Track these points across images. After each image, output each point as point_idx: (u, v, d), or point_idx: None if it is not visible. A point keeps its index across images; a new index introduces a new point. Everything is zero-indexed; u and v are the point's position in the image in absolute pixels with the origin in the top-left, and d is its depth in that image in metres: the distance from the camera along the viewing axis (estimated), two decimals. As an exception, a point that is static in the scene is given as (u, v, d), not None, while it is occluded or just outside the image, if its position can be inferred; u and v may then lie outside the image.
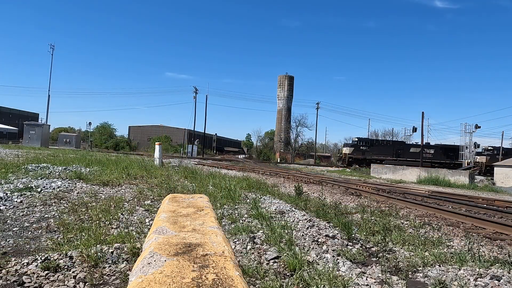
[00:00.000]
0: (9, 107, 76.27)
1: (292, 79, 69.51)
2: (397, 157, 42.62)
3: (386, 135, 79.12)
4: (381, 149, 42.88)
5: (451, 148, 44.25)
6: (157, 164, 15.21)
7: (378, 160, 41.80)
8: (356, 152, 42.88)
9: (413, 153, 43.06)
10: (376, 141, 44.08)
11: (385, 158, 42.23)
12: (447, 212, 9.09)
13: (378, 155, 42.11)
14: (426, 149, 43.86)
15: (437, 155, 43.42)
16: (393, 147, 43.20)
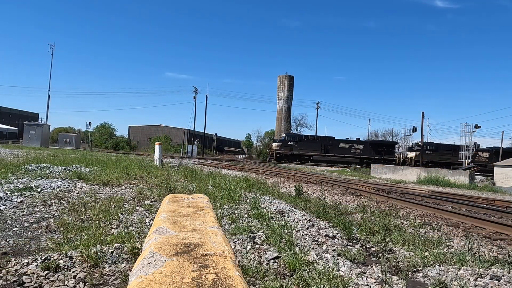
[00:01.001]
0: (9, 107, 76.28)
1: (292, 79, 69.53)
2: (325, 153, 42.56)
3: (386, 135, 79.17)
4: (310, 145, 42.67)
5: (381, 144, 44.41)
6: (157, 164, 15.21)
7: (306, 155, 41.75)
8: (284, 147, 42.56)
9: (342, 148, 43.04)
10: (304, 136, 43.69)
11: (313, 153, 42.19)
12: (447, 212, 9.09)
13: (306, 151, 42.00)
14: (355, 144, 44.06)
15: (367, 150, 43.32)
16: (321, 143, 42.97)
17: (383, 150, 43.72)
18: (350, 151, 43.35)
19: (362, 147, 43.72)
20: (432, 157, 42.68)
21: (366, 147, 43.68)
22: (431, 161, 42.19)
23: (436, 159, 42.61)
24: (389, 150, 43.90)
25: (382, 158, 42.99)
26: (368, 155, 43.02)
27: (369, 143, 44.50)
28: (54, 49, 54.34)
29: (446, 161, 42.29)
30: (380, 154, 43.32)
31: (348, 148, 43.50)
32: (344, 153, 42.92)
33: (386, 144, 44.64)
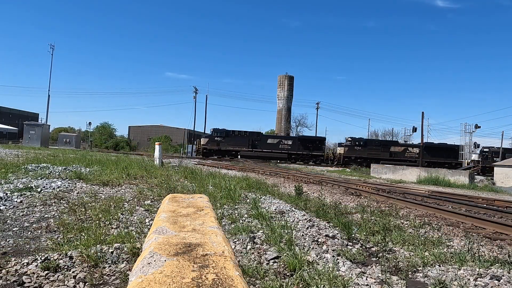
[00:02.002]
0: (9, 107, 76.28)
1: (292, 79, 69.50)
2: (252, 148, 42.10)
3: (386, 135, 79.25)
4: (237, 140, 42.17)
5: (310, 139, 43.97)
6: (157, 164, 15.21)
7: (233, 151, 41.39)
8: (211, 143, 42.16)
9: (270, 144, 42.65)
10: (232, 132, 42.84)
11: (240, 149, 41.81)
12: (447, 212, 9.08)
13: (233, 146, 41.60)
14: (284, 140, 43.78)
15: (295, 146, 42.91)
16: (249, 138, 42.42)
17: (312, 145, 43.28)
18: (278, 147, 42.78)
19: (291, 142, 43.26)
20: (361, 152, 42.29)
21: (295, 142, 43.19)
22: (360, 157, 41.94)
23: (365, 154, 42.17)
24: (318, 146, 43.48)
25: (311, 153, 42.72)
26: (296, 151, 42.64)
27: (297, 138, 44.01)
28: (54, 49, 54.32)
29: (375, 157, 41.81)
30: (309, 149, 42.92)
31: (277, 143, 43.05)
32: (272, 148, 42.50)
33: (315, 140, 44.16)
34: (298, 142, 43.31)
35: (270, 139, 43.66)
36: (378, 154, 42.38)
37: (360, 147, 42.70)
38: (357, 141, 43.40)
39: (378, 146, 43.14)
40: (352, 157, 42.12)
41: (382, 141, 45.04)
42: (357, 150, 42.52)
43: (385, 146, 43.35)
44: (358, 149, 42.55)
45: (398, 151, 43.20)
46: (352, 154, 42.30)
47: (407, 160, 42.39)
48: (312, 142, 43.73)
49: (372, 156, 42.04)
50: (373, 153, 42.33)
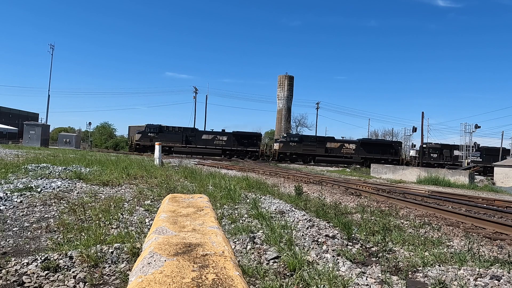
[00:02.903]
0: (9, 107, 76.29)
1: (292, 79, 69.55)
2: (187, 144, 41.92)
3: (386, 135, 79.22)
4: (171, 136, 41.81)
5: (245, 135, 43.60)
6: (157, 164, 15.22)
7: (167, 146, 40.87)
8: (144, 139, 41.70)
9: (205, 140, 42.37)
10: (166, 127, 42.52)
11: (174, 145, 41.51)
12: (447, 212, 9.09)
13: (167, 142, 40.90)
14: (219, 136, 43.33)
15: (230, 142, 42.71)
16: (183, 134, 42.15)
17: (247, 141, 43.08)
18: (213, 143, 42.51)
19: (226, 138, 42.93)
20: (296, 148, 42.08)
21: (230, 138, 42.87)
22: (295, 153, 41.84)
23: (300, 150, 41.99)
24: (253, 142, 43.27)
25: (246, 149, 42.56)
26: (231, 147, 42.42)
27: (232, 134, 43.45)
28: (54, 49, 54.34)
29: (310, 153, 41.85)
30: (244, 145, 42.73)
31: (211, 139, 42.72)
32: (207, 144, 42.24)
33: (251, 136, 43.85)
34: (233, 138, 42.88)
35: (205, 135, 43.18)
36: (314, 150, 42.15)
37: (295, 143, 42.36)
38: (292, 137, 43.16)
39: (314, 142, 42.75)
40: (287, 153, 41.91)
41: (317, 137, 44.48)
42: (292, 146, 42.25)
43: (321, 142, 42.98)
44: (293, 145, 42.26)
45: (334, 147, 42.99)
46: (287, 150, 42.03)
47: (343, 156, 42.36)
48: (248, 138, 43.38)
49: (307, 152, 41.89)
50: (308, 149, 42.07)
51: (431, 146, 44.74)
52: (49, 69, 58.40)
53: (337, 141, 44.03)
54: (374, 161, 41.21)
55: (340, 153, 42.72)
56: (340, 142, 43.83)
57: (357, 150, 42.79)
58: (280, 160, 41.02)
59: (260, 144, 44.36)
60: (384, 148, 43.36)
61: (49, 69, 68.10)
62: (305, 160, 41.68)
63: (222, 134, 43.56)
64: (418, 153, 44.82)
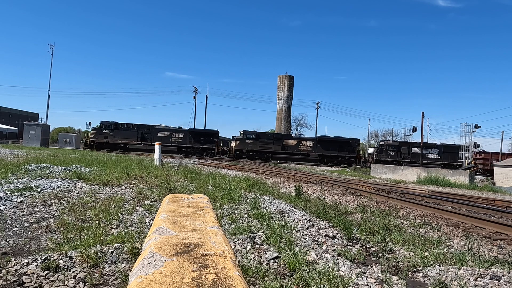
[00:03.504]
0: (9, 107, 76.28)
1: (292, 79, 69.52)
2: (142, 141, 41.57)
3: (386, 135, 79.21)
4: (126, 133, 41.44)
5: (202, 133, 43.35)
6: (157, 164, 15.22)
7: (122, 144, 40.71)
8: (98, 136, 41.17)
9: (160, 137, 41.53)
10: (121, 124, 41.96)
11: (129, 142, 41.27)
12: (447, 212, 9.09)
13: (122, 139, 40.89)
14: (175, 133, 43.12)
15: (186, 139, 42.43)
16: (138, 131, 41.74)
17: (204, 139, 42.76)
18: (169, 140, 42.05)
19: (182, 135, 42.59)
20: (252, 146, 41.76)
21: (186, 135, 42.53)
22: (252, 150, 41.58)
23: (256, 148, 41.68)
24: (210, 139, 42.93)
25: (202, 147, 42.32)
26: (187, 144, 42.12)
27: (188, 131, 43.12)
28: (54, 49, 54.36)
29: (267, 150, 41.61)
30: (201, 142, 42.44)
31: (167, 136, 42.29)
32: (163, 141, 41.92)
33: (207, 133, 43.51)
34: (190, 135, 42.55)
35: (161, 132, 42.82)
36: (270, 147, 41.95)
37: (252, 140, 42.09)
38: (249, 134, 42.76)
39: (271, 139, 42.49)
40: (244, 151, 41.61)
41: (274, 134, 44.22)
42: (248, 143, 41.97)
43: (278, 140, 42.68)
44: (250, 142, 41.98)
45: (292, 144, 42.69)
46: (244, 147, 41.73)
47: (300, 153, 42.16)
48: (204, 135, 43.10)
49: (264, 149, 41.68)
50: (265, 146, 41.84)
51: (388, 143, 44.79)
52: (49, 69, 58.44)
53: (294, 138, 43.94)
54: (331, 158, 41.35)
55: (297, 150, 42.38)
56: (298, 140, 43.66)
57: (314, 147, 42.43)
58: (237, 158, 40.65)
59: (216, 142, 43.84)
60: (341, 145, 42.87)
61: (49, 69, 68.16)
62: (262, 157, 41.31)
63: (179, 131, 43.24)
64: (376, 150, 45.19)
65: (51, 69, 72.04)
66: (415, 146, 43.52)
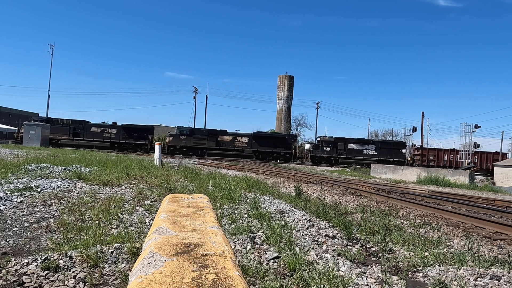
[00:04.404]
0: (9, 107, 76.33)
1: (292, 79, 69.55)
2: (74, 137, 41.42)
3: (386, 135, 79.28)
4: (57, 129, 41.23)
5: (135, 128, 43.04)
6: (157, 164, 15.22)
7: (54, 139, 40.50)
8: None
9: (93, 133, 41.78)
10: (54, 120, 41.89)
11: (61, 138, 41.06)
12: (447, 212, 9.09)
13: (54, 135, 40.61)
14: (108, 128, 42.85)
15: (119, 135, 42.25)
16: (70, 127, 41.64)
17: (138, 135, 42.52)
18: (102, 136, 41.89)
19: (115, 131, 42.34)
20: (186, 142, 41.62)
21: (119, 131, 42.29)
22: (185, 146, 41.49)
23: (190, 144, 41.58)
24: (144, 135, 42.75)
25: (135, 142, 42.16)
26: (119, 140, 41.92)
27: (122, 127, 42.84)
28: (54, 49, 54.44)
29: (201, 146, 41.51)
30: (134, 138, 42.28)
31: (100, 132, 42.09)
32: (95, 137, 41.61)
33: (141, 129, 43.20)
34: (123, 130, 42.28)
35: (93, 128, 42.49)
36: (204, 143, 41.86)
37: (186, 136, 41.94)
38: (184, 130, 42.69)
39: (205, 135, 42.29)
40: (177, 147, 41.46)
41: (209, 130, 43.69)
42: (182, 140, 41.82)
43: (212, 135, 42.47)
44: (184, 138, 41.84)
45: (227, 140, 42.60)
46: (177, 143, 41.59)
47: (235, 149, 42.02)
48: (138, 131, 42.80)
49: (198, 145, 41.57)
50: (199, 142, 41.76)
51: (324, 139, 44.71)
52: (49, 69, 58.50)
53: (229, 134, 43.43)
54: (266, 154, 41.16)
55: (232, 146, 42.25)
56: (233, 136, 43.30)
57: (250, 143, 42.27)
58: (171, 154, 40.30)
59: (150, 138, 43.37)
60: (277, 141, 42.79)
61: (49, 69, 68.25)
62: (196, 153, 41.08)
63: (112, 127, 42.88)
64: (312, 146, 45.39)
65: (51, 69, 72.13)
66: (352, 142, 43.81)
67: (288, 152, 42.38)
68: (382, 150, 43.01)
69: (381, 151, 42.90)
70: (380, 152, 42.87)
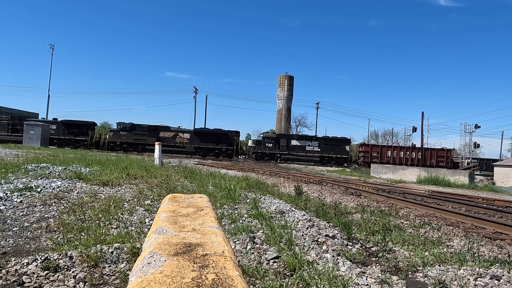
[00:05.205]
0: (9, 107, 76.25)
1: (292, 79, 69.56)
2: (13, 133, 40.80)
3: (386, 135, 79.30)
4: None
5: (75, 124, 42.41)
6: (157, 164, 15.22)
7: None
8: None
9: None
10: None
11: None
12: (447, 212, 9.09)
13: None
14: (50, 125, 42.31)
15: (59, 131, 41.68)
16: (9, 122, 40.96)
17: (78, 130, 42.05)
18: None
19: (55, 127, 41.76)
20: (127, 138, 41.12)
21: (59, 127, 41.80)
22: (126, 142, 40.97)
23: (131, 140, 41.06)
24: (84, 131, 42.24)
25: (74, 138, 41.74)
26: (59, 135, 41.42)
27: (61, 122, 42.34)
28: (54, 49, 54.48)
29: (142, 142, 40.98)
30: (74, 134, 41.81)
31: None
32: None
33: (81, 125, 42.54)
34: (63, 126, 41.86)
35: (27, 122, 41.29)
36: (145, 139, 41.35)
37: (126, 132, 41.47)
38: (124, 126, 42.15)
39: (146, 131, 41.82)
40: (118, 143, 41.04)
41: (150, 126, 43.08)
42: (122, 135, 41.36)
43: (154, 131, 41.97)
44: (124, 134, 41.37)
45: (168, 136, 42.15)
46: (118, 139, 41.16)
47: (176, 145, 41.72)
48: (78, 127, 42.33)
49: (138, 141, 41.17)
50: (140, 138, 41.31)
51: (267, 135, 44.72)
52: (49, 69, 58.57)
53: (171, 130, 43.10)
54: (208, 151, 40.95)
55: (174, 142, 41.89)
56: (174, 132, 42.95)
57: (192, 139, 41.99)
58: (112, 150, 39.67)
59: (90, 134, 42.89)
60: (219, 137, 42.38)
61: (49, 69, 68.28)
62: (136, 149, 40.50)
63: (52, 122, 42.50)
64: (255, 143, 45.45)
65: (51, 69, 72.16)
66: (294, 139, 43.78)
67: (230, 148, 42.02)
68: (326, 146, 42.85)
69: (324, 148, 42.73)
70: (323, 148, 42.71)
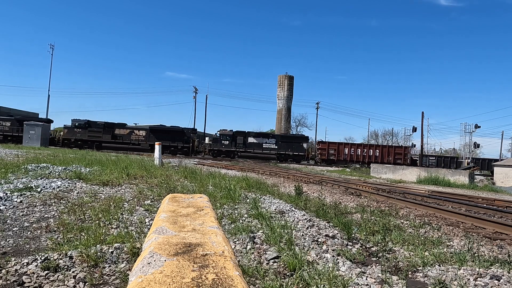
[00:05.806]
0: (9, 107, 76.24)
1: (292, 79, 69.57)
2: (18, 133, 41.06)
3: (386, 135, 79.32)
4: None
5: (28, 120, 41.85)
6: (157, 164, 15.22)
7: None
8: None
9: None
10: None
11: None
12: (447, 212, 9.09)
13: None
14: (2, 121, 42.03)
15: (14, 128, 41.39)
16: None
17: None
18: None
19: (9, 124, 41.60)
20: (82, 135, 41.00)
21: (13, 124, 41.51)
22: (81, 139, 40.91)
23: (85, 137, 40.91)
24: None
25: None
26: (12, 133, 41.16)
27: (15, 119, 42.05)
28: (53, 49, 54.46)
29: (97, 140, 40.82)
30: None
31: None
32: None
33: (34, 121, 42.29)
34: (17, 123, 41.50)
35: None
36: (100, 136, 41.20)
37: (81, 129, 41.30)
38: (79, 123, 41.91)
39: (101, 128, 41.58)
40: (72, 139, 40.95)
41: (106, 123, 42.70)
42: (77, 132, 41.24)
43: (109, 128, 41.79)
44: (79, 131, 41.23)
45: (124, 133, 42.06)
46: (72, 136, 41.08)
47: (131, 143, 41.59)
48: None
49: (93, 138, 40.92)
50: (95, 135, 41.09)
51: (223, 132, 44.46)
52: (49, 69, 58.55)
53: (126, 127, 42.90)
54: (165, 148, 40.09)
55: (129, 139, 41.76)
56: (130, 129, 42.82)
57: (147, 136, 41.71)
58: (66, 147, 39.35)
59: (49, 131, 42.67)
60: (175, 135, 42.23)
61: (49, 69, 68.27)
62: (91, 146, 39.95)
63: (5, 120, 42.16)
64: (211, 140, 45.53)
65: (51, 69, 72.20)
66: (251, 136, 43.68)
67: (186, 145, 41.88)
68: (283, 144, 42.79)
69: (281, 145, 42.68)
70: (280, 146, 42.65)
